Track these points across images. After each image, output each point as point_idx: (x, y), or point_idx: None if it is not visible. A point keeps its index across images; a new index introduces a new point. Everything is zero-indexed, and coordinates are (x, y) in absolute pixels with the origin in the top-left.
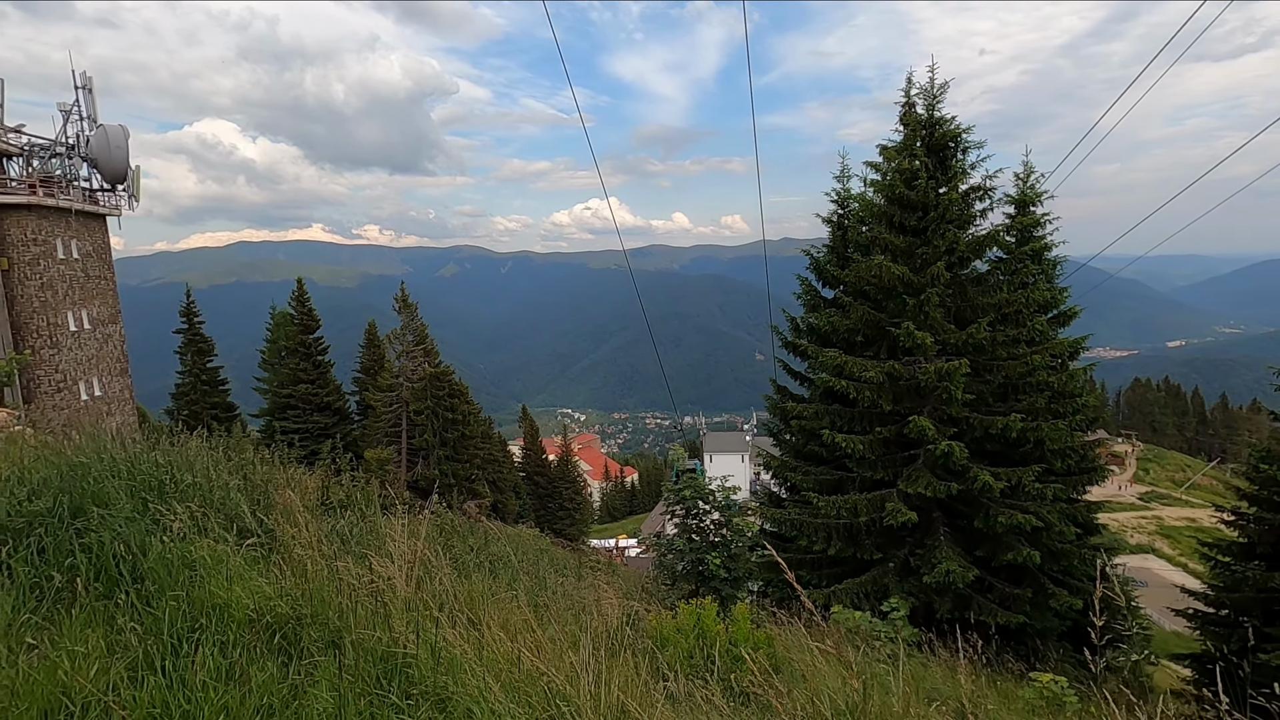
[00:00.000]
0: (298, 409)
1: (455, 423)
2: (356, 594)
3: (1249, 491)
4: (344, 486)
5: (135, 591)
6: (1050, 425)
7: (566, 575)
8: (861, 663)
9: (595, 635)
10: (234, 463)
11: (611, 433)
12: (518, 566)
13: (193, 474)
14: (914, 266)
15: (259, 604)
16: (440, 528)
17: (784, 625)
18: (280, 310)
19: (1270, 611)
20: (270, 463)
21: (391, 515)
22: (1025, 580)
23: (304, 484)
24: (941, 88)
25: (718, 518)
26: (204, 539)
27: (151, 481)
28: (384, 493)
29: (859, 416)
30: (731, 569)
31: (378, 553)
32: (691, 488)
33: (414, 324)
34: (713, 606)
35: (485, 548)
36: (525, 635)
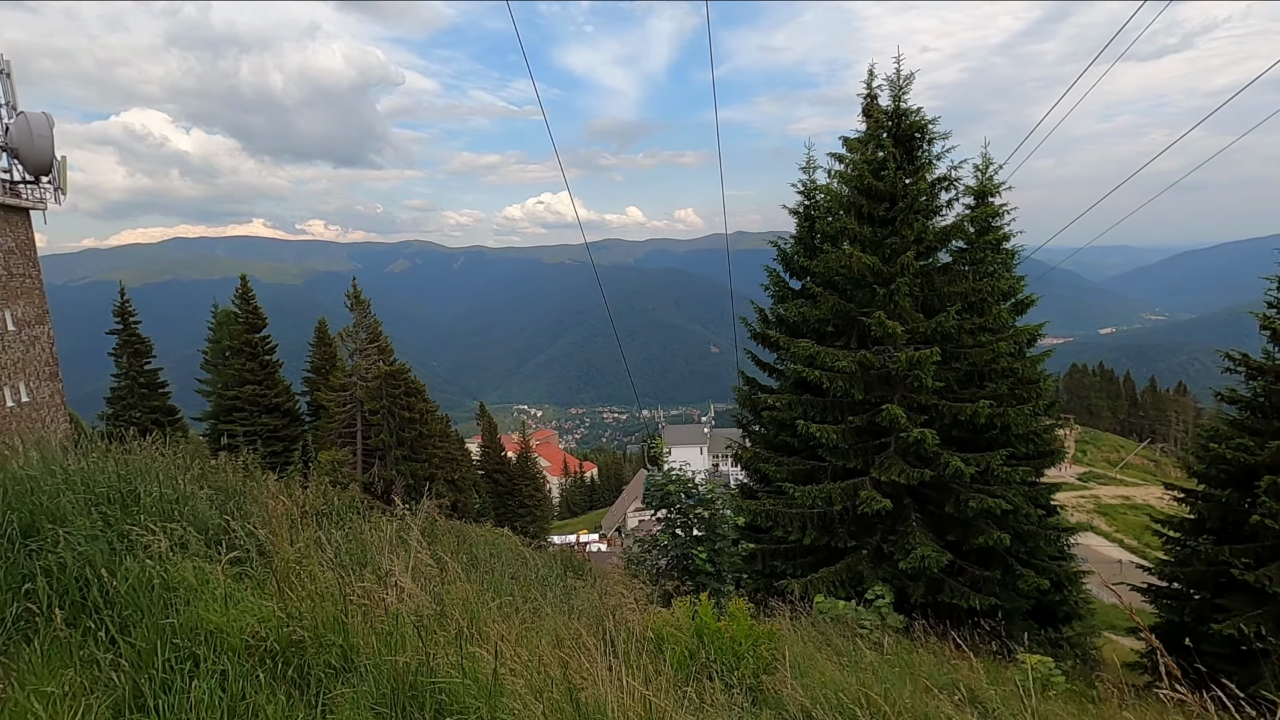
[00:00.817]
0: (245, 411)
1: (412, 421)
2: (368, 611)
3: (1198, 470)
4: (323, 493)
5: (109, 618)
6: (1016, 410)
7: (563, 578)
8: (854, 652)
9: (627, 648)
10: (201, 471)
11: (569, 428)
12: (539, 574)
13: (159, 485)
14: (883, 256)
15: (257, 627)
16: (424, 532)
17: (773, 617)
18: (223, 309)
19: (1220, 584)
20: (241, 470)
21: (377, 521)
22: (993, 563)
23: (287, 492)
24: (907, 79)
25: (701, 511)
26: (185, 557)
27: (112, 494)
28: (363, 498)
29: (831, 406)
30: (717, 563)
31: (370, 564)
32: (676, 481)
33: (367, 321)
34: (709, 603)
35: (464, 549)
36: (554, 649)
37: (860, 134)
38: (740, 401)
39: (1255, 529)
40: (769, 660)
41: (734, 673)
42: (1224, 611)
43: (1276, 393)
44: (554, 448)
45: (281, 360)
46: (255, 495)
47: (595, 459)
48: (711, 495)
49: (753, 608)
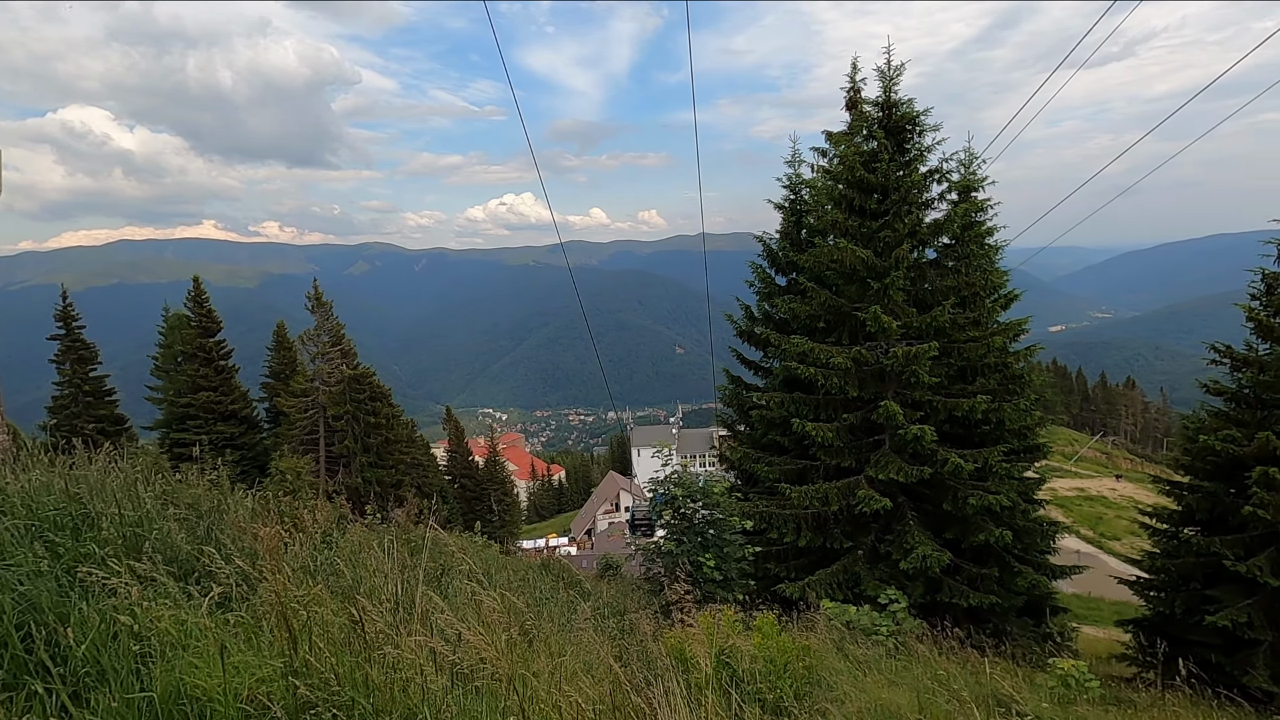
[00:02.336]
0: (199, 419)
1: (378, 427)
2: (398, 662)
3: (1185, 462)
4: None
5: (60, 679)
6: (1011, 405)
7: (556, 590)
8: (882, 664)
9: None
10: (165, 487)
11: (534, 431)
12: (539, 592)
13: (118, 505)
14: (876, 250)
15: (255, 690)
16: (411, 547)
17: (786, 627)
18: (174, 312)
19: (1209, 575)
20: (212, 484)
21: (366, 537)
22: (989, 560)
23: (276, 510)
24: (898, 70)
25: (706, 515)
26: (155, 597)
27: (61, 518)
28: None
29: (824, 404)
30: (724, 570)
31: (400, 604)
32: (681, 486)
33: (329, 324)
34: (732, 615)
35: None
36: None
37: (842, 130)
38: (726, 401)
39: (1245, 519)
40: (805, 679)
41: (771, 694)
42: (1214, 603)
43: (1262, 384)
44: (521, 451)
45: (239, 365)
46: (232, 515)
47: (563, 461)
48: (719, 498)
49: (771, 617)
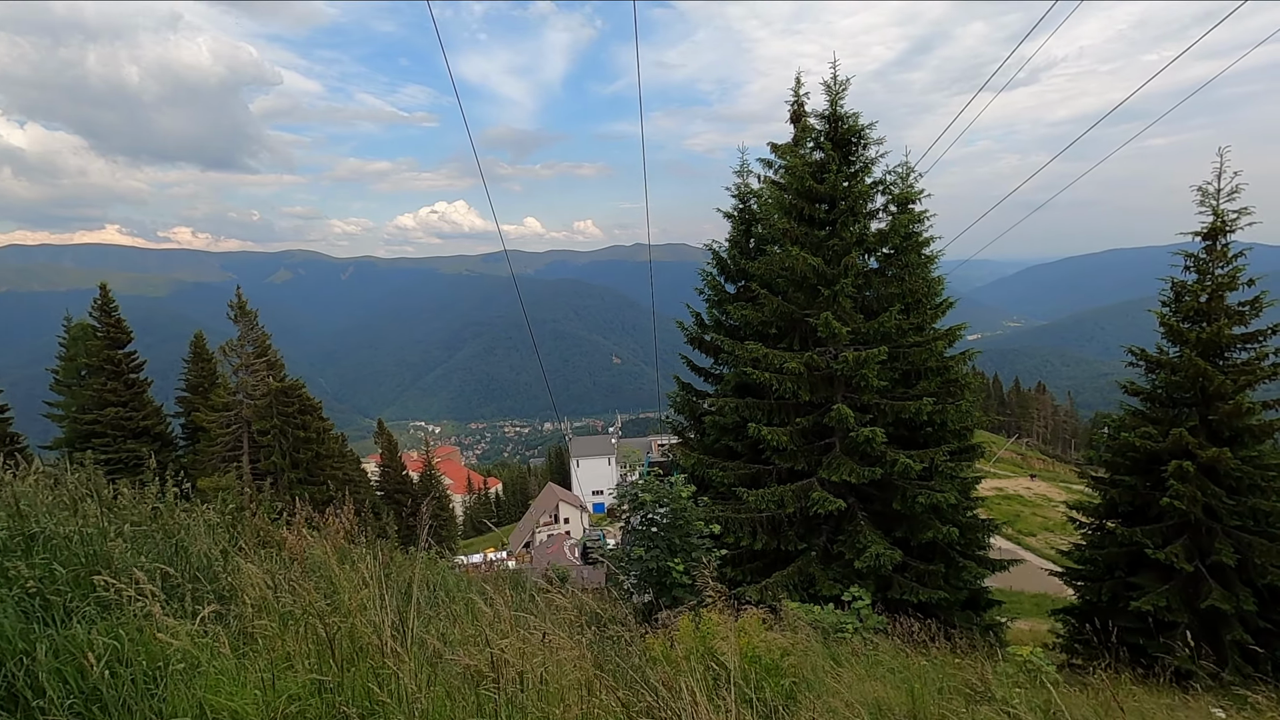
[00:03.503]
0: (106, 436)
1: (308, 441)
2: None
3: (1108, 458)
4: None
5: (44, 710)
6: (954, 407)
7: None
8: (851, 655)
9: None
10: (116, 501)
11: (469, 443)
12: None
13: (59, 523)
14: (826, 258)
15: (289, 707)
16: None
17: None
18: (78, 322)
19: (1132, 563)
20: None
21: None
22: (935, 557)
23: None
24: (843, 84)
25: (671, 520)
26: (143, 618)
27: (7, 540)
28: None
29: (777, 408)
30: (693, 575)
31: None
32: (651, 491)
33: (253, 334)
34: (714, 617)
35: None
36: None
37: (790, 141)
38: (677, 407)
39: (1163, 510)
40: (795, 676)
41: (761, 694)
42: (1137, 589)
43: (1173, 384)
44: (456, 465)
45: (150, 379)
46: (194, 531)
47: (499, 474)
48: (685, 503)
49: (756, 617)
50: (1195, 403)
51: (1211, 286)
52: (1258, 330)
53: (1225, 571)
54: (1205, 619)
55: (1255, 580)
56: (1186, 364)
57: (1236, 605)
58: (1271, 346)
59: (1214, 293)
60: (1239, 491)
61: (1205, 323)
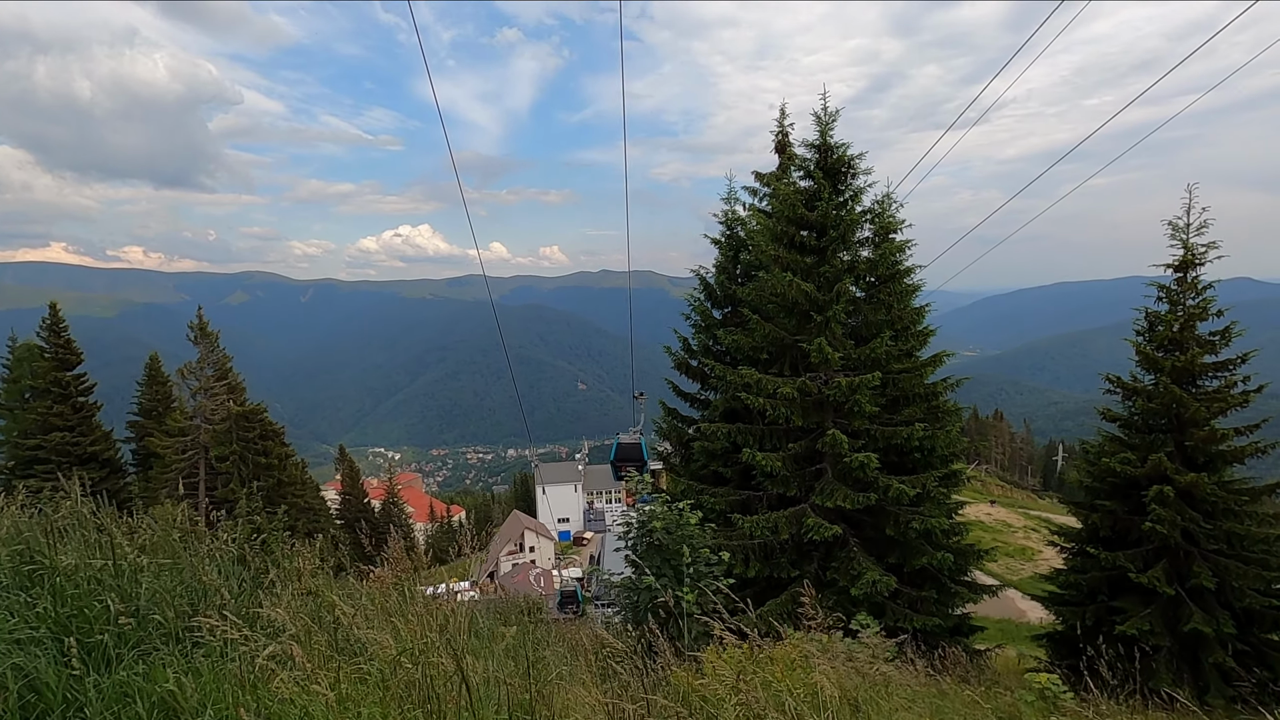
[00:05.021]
0: (49, 463)
1: (269, 468)
2: None
3: (1089, 484)
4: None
5: None
6: (942, 433)
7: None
8: (884, 684)
9: None
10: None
11: (430, 470)
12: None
13: (108, 557)
14: (818, 284)
15: None
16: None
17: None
18: (24, 342)
19: (1114, 587)
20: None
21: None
22: (926, 583)
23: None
24: (833, 115)
25: (679, 547)
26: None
27: (28, 574)
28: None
29: (768, 433)
30: (703, 604)
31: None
32: (662, 519)
33: (213, 356)
34: (746, 650)
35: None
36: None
37: (775, 169)
38: (663, 434)
39: (1144, 534)
40: (844, 707)
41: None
42: (1120, 613)
43: (1149, 411)
44: (418, 492)
45: (100, 402)
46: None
47: (462, 501)
48: (693, 529)
49: (792, 647)
50: (1171, 429)
51: (1184, 317)
52: (1228, 359)
53: (1205, 595)
54: (1186, 642)
55: (1233, 603)
56: (1163, 391)
57: (1217, 628)
58: (1240, 374)
59: (1185, 323)
60: (1215, 516)
61: (1179, 351)
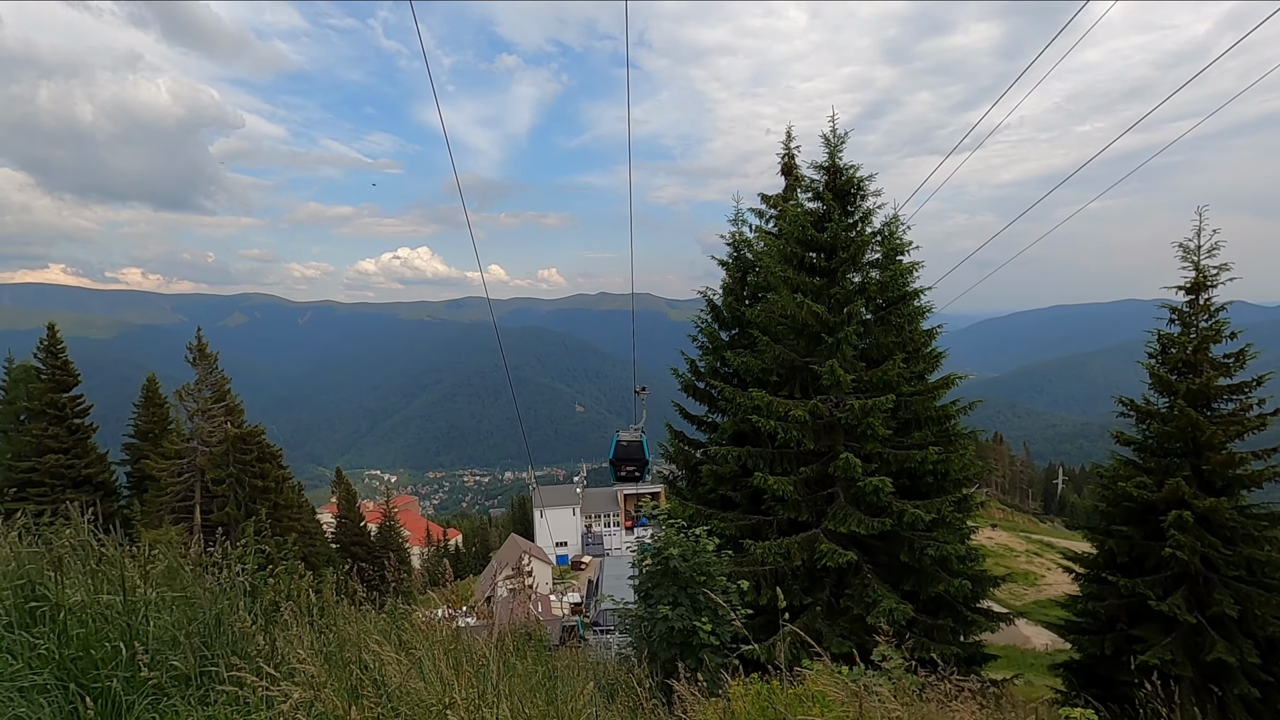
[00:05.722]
0: (43, 486)
1: (266, 491)
2: None
3: (1104, 509)
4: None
5: None
6: (957, 456)
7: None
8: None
9: None
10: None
11: (427, 493)
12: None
13: (87, 592)
14: (828, 305)
15: None
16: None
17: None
18: (21, 364)
19: (1132, 615)
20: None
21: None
22: (941, 611)
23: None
24: (842, 138)
25: (695, 575)
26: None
27: (22, 611)
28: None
29: (779, 457)
30: (719, 635)
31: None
32: (679, 546)
33: (212, 377)
34: (775, 686)
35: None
36: None
37: (778, 193)
38: (670, 457)
39: (1162, 560)
40: None
41: None
42: (1140, 642)
43: (1164, 434)
44: (415, 515)
45: (96, 424)
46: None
47: (459, 525)
48: (710, 556)
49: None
50: (1186, 453)
51: (1197, 339)
52: (1243, 382)
53: (1226, 623)
54: (1208, 672)
55: (1255, 632)
56: (1178, 415)
57: (1240, 658)
58: (1256, 398)
59: (1199, 345)
60: (1234, 542)
61: (1193, 374)
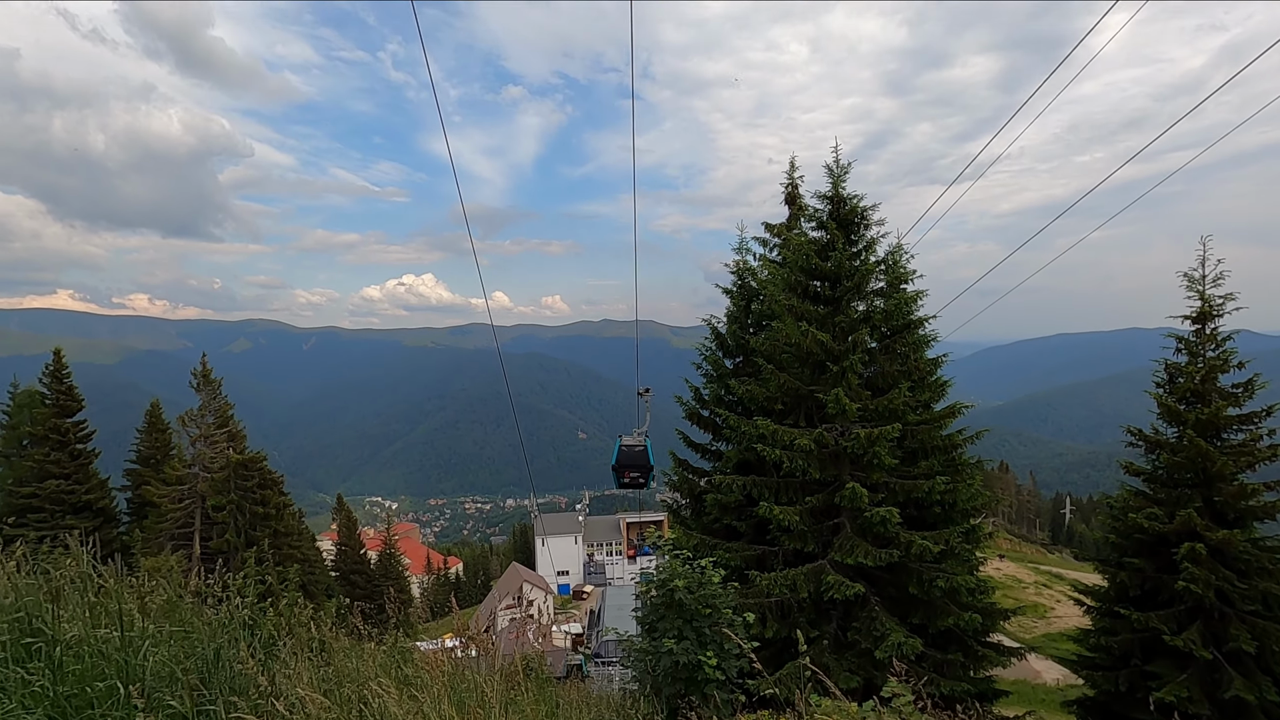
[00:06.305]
0: (43, 511)
1: (267, 518)
2: None
3: (1115, 541)
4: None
5: None
6: (965, 486)
7: None
8: None
9: None
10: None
11: (427, 520)
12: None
13: (84, 626)
14: (833, 334)
15: None
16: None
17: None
18: (25, 389)
19: (1147, 650)
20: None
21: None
22: (950, 645)
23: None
24: (845, 168)
25: (699, 607)
26: None
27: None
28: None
29: (784, 486)
30: (725, 669)
31: None
32: (684, 577)
33: (215, 403)
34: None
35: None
36: None
37: (786, 220)
38: (674, 486)
39: (1175, 594)
40: None
41: None
42: (1154, 678)
43: (1174, 465)
44: (416, 543)
45: (99, 450)
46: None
47: (459, 553)
48: (716, 588)
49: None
50: (1197, 484)
51: (1204, 369)
52: (1252, 412)
53: (1244, 659)
54: (1226, 710)
55: (1274, 668)
56: (1188, 445)
57: (1259, 695)
58: (1266, 428)
59: (1207, 375)
60: (1249, 575)
61: (1201, 404)
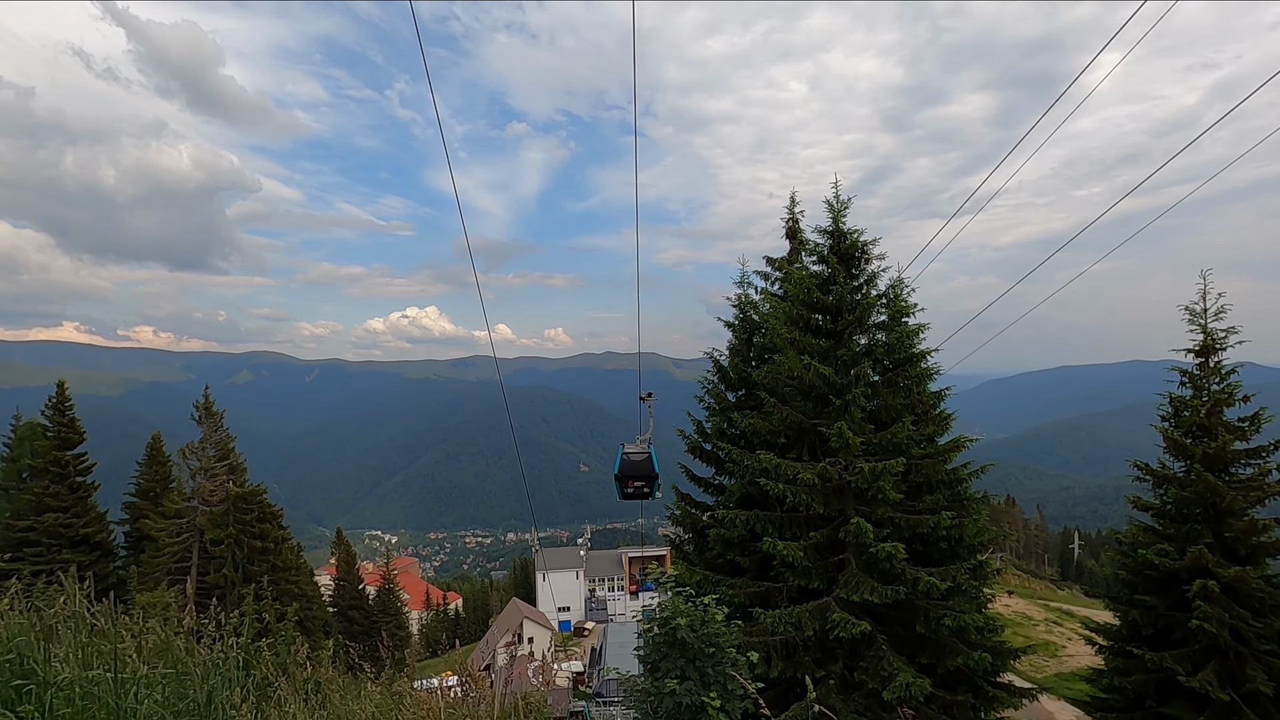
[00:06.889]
0: (39, 545)
1: (265, 552)
2: None
3: (1125, 577)
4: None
5: None
6: (971, 521)
7: None
8: None
9: None
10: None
11: (427, 554)
12: None
13: (74, 669)
14: (835, 367)
15: None
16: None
17: None
18: (27, 421)
19: (1161, 691)
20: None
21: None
22: (959, 686)
23: None
24: (844, 204)
25: (702, 646)
26: None
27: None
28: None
29: (788, 521)
30: (729, 710)
31: None
32: (686, 615)
33: (216, 436)
34: None
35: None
36: None
37: (786, 255)
38: (677, 520)
39: (1189, 632)
40: None
41: None
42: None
43: (1184, 500)
44: (415, 578)
45: (98, 482)
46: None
47: (459, 588)
48: (719, 626)
49: None
50: (1207, 519)
51: (1210, 402)
52: (1259, 446)
53: (1261, 700)
54: None
55: None
56: (1196, 480)
57: None
58: (1275, 462)
59: (1212, 408)
60: (1263, 613)
61: (1208, 438)
